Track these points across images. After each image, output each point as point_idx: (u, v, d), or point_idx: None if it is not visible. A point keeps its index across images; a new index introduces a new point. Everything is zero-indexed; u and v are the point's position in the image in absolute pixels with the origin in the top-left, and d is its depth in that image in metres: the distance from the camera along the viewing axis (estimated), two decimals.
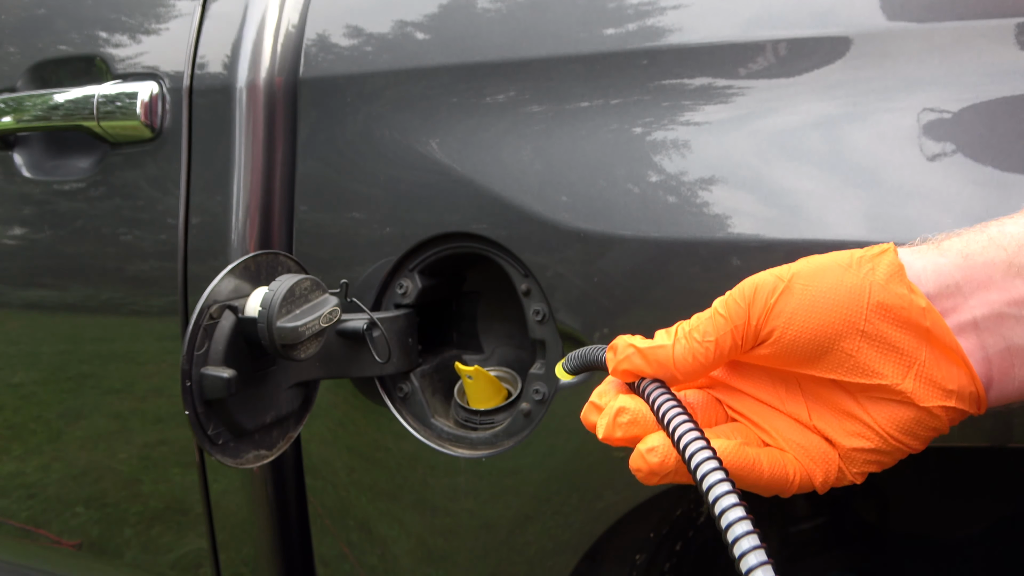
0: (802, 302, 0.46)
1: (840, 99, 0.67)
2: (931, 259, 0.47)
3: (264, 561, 0.99)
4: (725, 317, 0.47)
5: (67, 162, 1.07)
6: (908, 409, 0.47)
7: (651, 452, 0.47)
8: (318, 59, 0.89)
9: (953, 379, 0.46)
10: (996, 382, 0.46)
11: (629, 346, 0.50)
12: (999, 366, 0.46)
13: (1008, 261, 0.45)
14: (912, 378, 0.46)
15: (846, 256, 0.47)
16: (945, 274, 0.46)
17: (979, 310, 0.46)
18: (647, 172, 0.72)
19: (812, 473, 0.49)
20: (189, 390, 0.69)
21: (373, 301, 0.86)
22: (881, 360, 0.46)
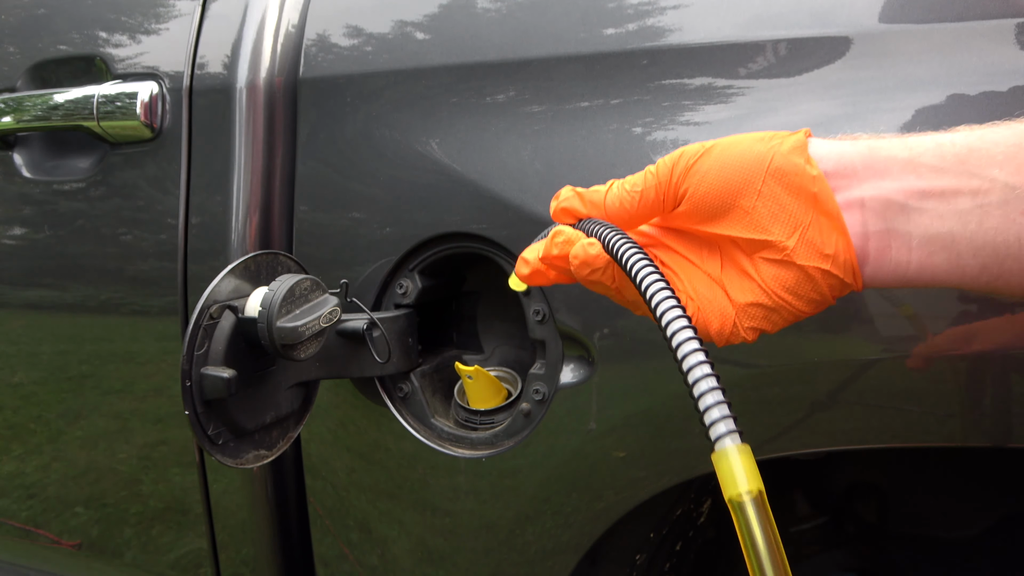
0: (714, 164, 0.53)
1: (840, 99, 0.67)
2: (840, 146, 0.52)
3: (264, 561, 0.99)
4: (653, 174, 0.55)
5: (67, 162, 1.07)
6: (790, 268, 0.52)
7: (591, 245, 0.55)
8: (318, 59, 0.89)
9: (831, 244, 0.51)
10: (872, 259, 0.51)
11: (570, 190, 0.58)
12: (876, 245, 0.51)
13: (909, 159, 0.50)
14: (796, 238, 0.52)
15: (762, 133, 0.54)
16: (847, 157, 0.52)
17: (869, 192, 0.51)
18: None
19: (709, 322, 0.55)
20: (189, 390, 0.69)
21: (373, 301, 0.86)
22: (772, 219, 0.52)
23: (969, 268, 0.50)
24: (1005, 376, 0.65)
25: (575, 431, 0.78)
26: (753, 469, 0.44)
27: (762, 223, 0.52)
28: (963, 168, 0.49)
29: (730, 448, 0.44)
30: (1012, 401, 0.65)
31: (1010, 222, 0.48)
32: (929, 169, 0.50)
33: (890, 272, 0.52)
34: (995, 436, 0.66)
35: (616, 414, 0.76)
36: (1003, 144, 0.49)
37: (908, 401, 0.67)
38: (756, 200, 0.52)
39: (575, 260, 0.55)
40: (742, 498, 0.43)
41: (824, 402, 0.69)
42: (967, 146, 0.50)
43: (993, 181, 0.49)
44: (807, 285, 0.52)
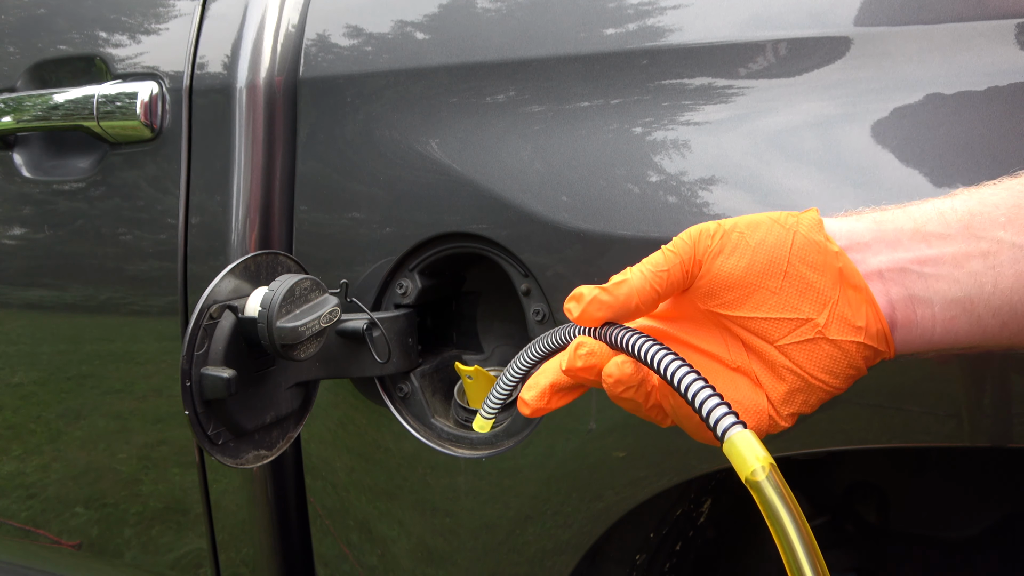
0: (738, 245, 0.53)
1: (840, 99, 0.67)
2: (847, 223, 0.54)
3: (264, 561, 0.99)
4: (674, 252, 0.54)
5: (67, 162, 1.07)
6: (823, 345, 0.52)
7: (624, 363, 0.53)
8: (318, 59, 0.89)
9: (861, 316, 0.52)
10: (900, 326, 0.52)
11: (594, 288, 0.54)
12: (902, 311, 0.52)
13: (915, 229, 0.52)
14: (826, 314, 0.52)
15: (777, 214, 0.55)
16: (856, 232, 0.53)
17: (885, 263, 0.52)
18: (647, 172, 0.72)
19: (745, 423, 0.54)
20: (189, 390, 0.69)
21: (373, 301, 0.86)
22: (800, 298, 0.53)
23: (990, 328, 0.51)
24: (1005, 376, 0.65)
25: (575, 431, 0.78)
26: (759, 446, 0.45)
27: (790, 302, 0.52)
28: (969, 232, 0.50)
29: (736, 434, 0.46)
30: (1012, 401, 0.65)
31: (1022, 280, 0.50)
32: (936, 237, 0.51)
33: (918, 337, 0.52)
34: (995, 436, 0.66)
35: (616, 414, 0.76)
36: (1003, 207, 0.50)
37: (908, 401, 0.67)
38: (782, 281, 0.53)
39: (609, 379, 0.53)
40: (757, 475, 0.44)
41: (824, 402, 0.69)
42: (968, 211, 0.51)
43: (1000, 242, 0.50)
44: (843, 361, 0.52)
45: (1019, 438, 0.66)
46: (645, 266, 0.54)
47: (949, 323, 0.51)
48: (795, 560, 0.43)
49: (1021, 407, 0.65)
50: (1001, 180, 0.52)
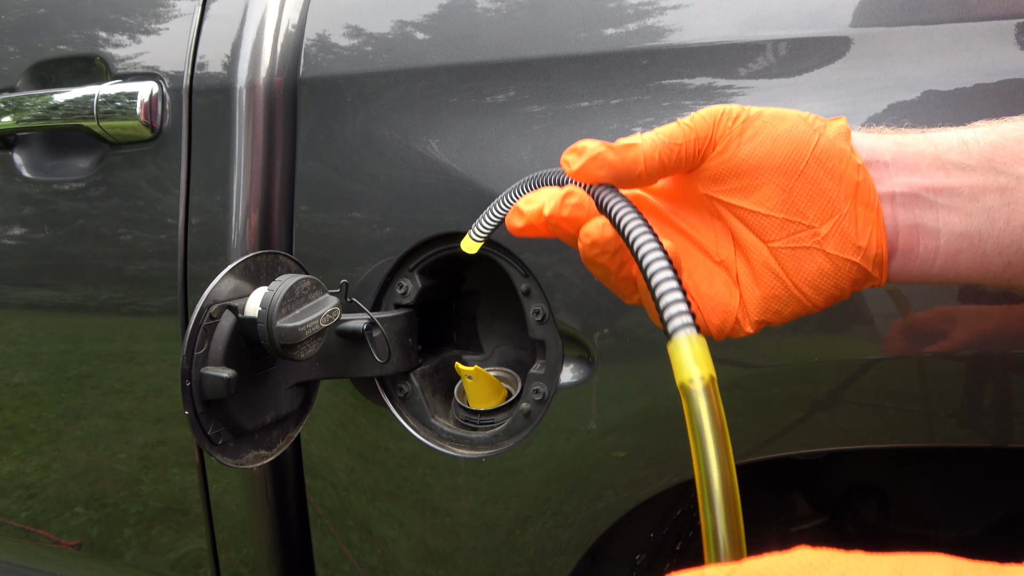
0: (759, 132, 0.50)
1: (839, 99, 0.67)
2: (871, 139, 0.51)
3: (264, 561, 0.99)
4: (690, 127, 0.51)
5: (67, 162, 1.07)
6: (817, 256, 0.50)
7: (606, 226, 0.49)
8: (318, 59, 0.89)
9: (864, 236, 0.50)
10: (900, 254, 0.51)
11: (600, 144, 0.50)
12: (905, 239, 0.50)
13: (936, 155, 0.50)
14: (830, 225, 0.50)
15: (806, 113, 0.52)
16: (878, 151, 0.51)
17: (900, 187, 0.50)
18: None
19: (709, 319, 0.53)
20: (189, 390, 0.69)
21: (373, 301, 0.86)
22: (809, 203, 0.50)
23: (993, 265, 0.50)
24: (1005, 376, 0.65)
25: (575, 431, 0.78)
26: (706, 357, 0.42)
27: (797, 205, 0.50)
28: (990, 165, 0.49)
29: (683, 337, 0.42)
30: (1012, 401, 0.65)
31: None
32: (956, 166, 0.49)
33: (915, 268, 0.51)
34: (995, 436, 0.66)
35: (616, 414, 0.76)
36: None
37: (908, 401, 0.67)
38: (796, 180, 0.50)
39: (586, 239, 0.50)
40: (693, 383, 0.41)
41: (824, 402, 0.69)
42: (991, 144, 0.49)
43: (1019, 179, 0.48)
44: (831, 278, 0.50)
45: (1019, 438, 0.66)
46: (658, 135, 0.51)
47: (952, 257, 0.50)
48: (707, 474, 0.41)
49: (1021, 407, 0.65)
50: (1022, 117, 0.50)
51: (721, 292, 0.53)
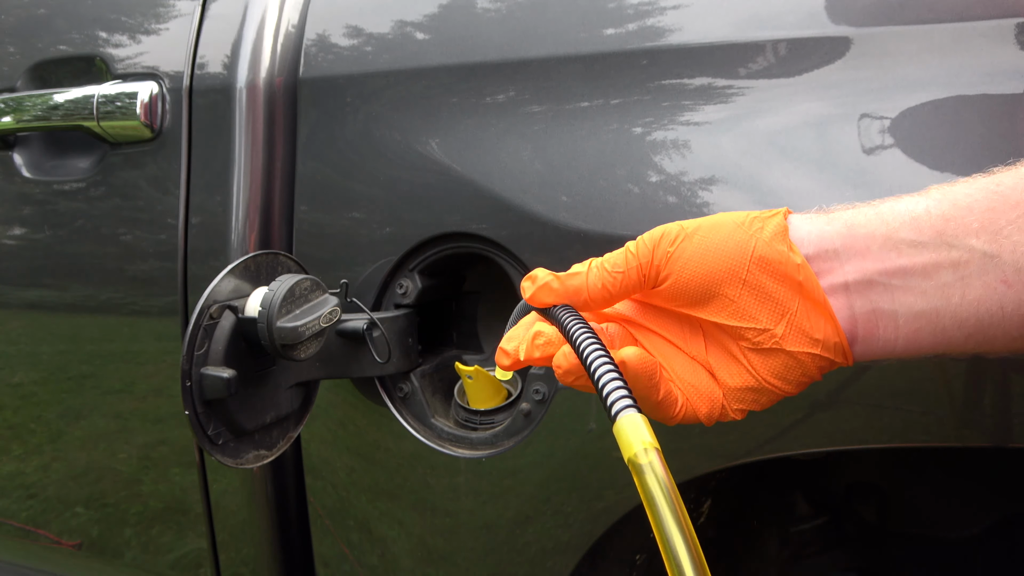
0: (696, 250, 0.53)
1: (839, 99, 0.67)
2: (818, 225, 0.52)
3: (264, 561, 0.99)
4: (634, 254, 0.54)
5: (67, 162, 1.07)
6: (779, 355, 0.52)
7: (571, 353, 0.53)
8: (318, 59, 0.89)
9: (820, 330, 0.51)
10: (861, 339, 0.52)
11: (548, 274, 0.56)
12: (864, 326, 0.51)
13: (887, 235, 0.50)
14: (784, 325, 0.52)
15: (743, 215, 0.54)
16: (827, 239, 0.52)
17: (852, 275, 0.51)
18: (647, 172, 0.72)
19: (697, 407, 0.55)
20: (189, 390, 0.69)
21: (373, 301, 0.86)
22: (758, 307, 0.52)
23: (955, 339, 0.50)
24: (1005, 376, 0.65)
25: (575, 431, 0.78)
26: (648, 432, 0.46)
27: (748, 311, 0.52)
28: (941, 240, 0.49)
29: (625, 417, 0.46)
30: (1012, 401, 0.65)
31: (991, 291, 0.48)
32: (908, 244, 0.50)
33: (879, 349, 0.52)
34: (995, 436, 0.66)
35: None
36: (978, 211, 0.49)
37: (908, 401, 0.67)
38: (741, 289, 0.52)
39: (558, 370, 0.54)
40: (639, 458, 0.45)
41: (824, 402, 0.69)
42: (942, 216, 0.50)
43: (972, 251, 0.49)
44: (797, 370, 0.53)
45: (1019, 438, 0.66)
46: (605, 263, 0.55)
47: (912, 335, 0.51)
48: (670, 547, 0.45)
49: (1021, 407, 0.65)
50: (975, 178, 0.50)
51: (705, 383, 0.56)
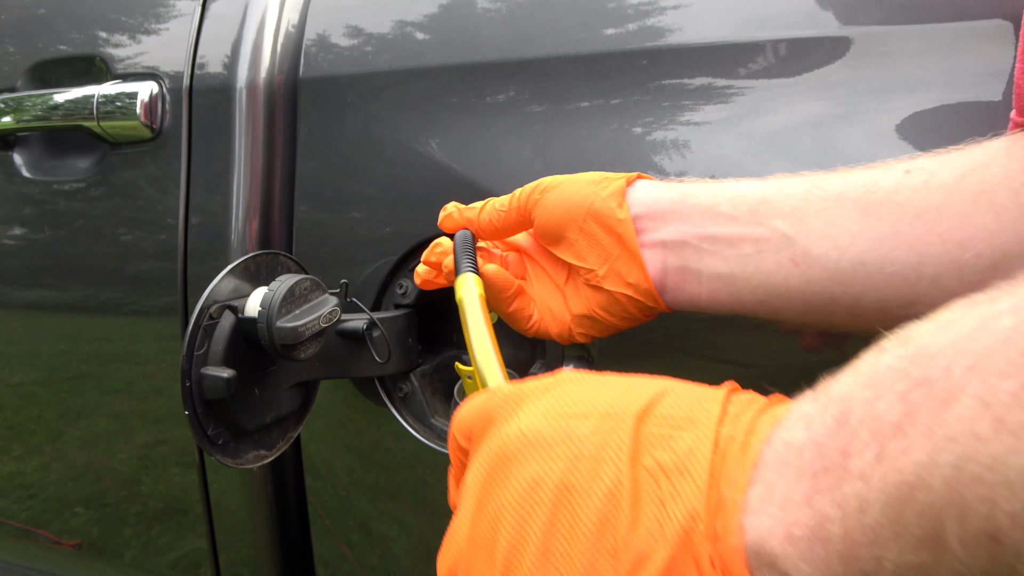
0: (554, 199, 0.64)
1: (840, 99, 0.67)
2: (656, 191, 0.62)
3: (264, 561, 0.99)
4: (516, 198, 0.67)
5: (67, 162, 1.07)
6: (602, 292, 0.63)
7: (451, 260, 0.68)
8: (318, 59, 0.89)
9: (633, 275, 0.61)
10: (670, 289, 0.61)
11: (454, 206, 0.71)
12: (673, 278, 0.61)
13: (709, 207, 0.59)
14: (606, 268, 0.62)
15: (599, 175, 0.65)
16: (658, 203, 0.61)
17: (671, 235, 0.60)
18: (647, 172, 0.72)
19: (549, 326, 0.68)
20: (189, 390, 0.69)
21: (373, 301, 0.86)
22: (590, 251, 0.63)
23: (748, 302, 0.58)
24: None
25: None
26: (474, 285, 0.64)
27: (583, 253, 0.63)
28: (752, 218, 0.57)
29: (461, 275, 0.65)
30: None
31: (781, 267, 0.56)
32: (725, 217, 0.58)
33: (686, 300, 0.61)
34: None
35: None
36: (793, 198, 0.56)
37: None
38: (578, 234, 0.63)
39: (446, 268, 0.68)
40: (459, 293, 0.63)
41: None
42: (760, 197, 0.57)
43: (775, 230, 0.56)
44: (617, 306, 0.63)
45: None
46: (496, 202, 0.68)
47: (713, 293, 0.59)
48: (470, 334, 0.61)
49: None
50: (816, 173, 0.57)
51: (559, 308, 0.67)
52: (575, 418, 0.38)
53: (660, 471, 0.35)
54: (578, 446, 0.37)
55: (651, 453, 0.35)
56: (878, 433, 0.28)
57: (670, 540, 0.33)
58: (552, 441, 0.38)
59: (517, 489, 0.38)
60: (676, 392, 0.38)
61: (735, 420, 0.36)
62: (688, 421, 0.36)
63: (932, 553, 0.25)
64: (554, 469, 0.37)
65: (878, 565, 0.27)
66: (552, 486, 0.37)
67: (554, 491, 0.37)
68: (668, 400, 0.38)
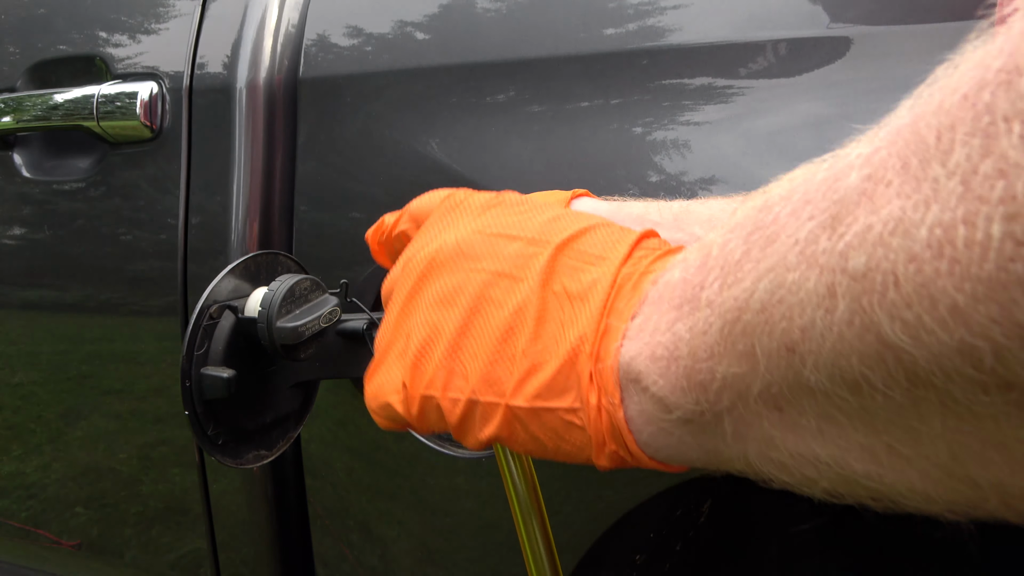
0: None
1: (839, 99, 0.67)
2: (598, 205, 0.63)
3: (264, 561, 0.99)
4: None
5: (67, 162, 1.07)
6: None
7: None
8: (318, 59, 0.89)
9: None
10: None
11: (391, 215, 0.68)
12: None
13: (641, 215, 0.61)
14: None
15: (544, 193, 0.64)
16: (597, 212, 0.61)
17: None
18: (647, 172, 0.72)
19: None
20: (189, 390, 0.69)
21: (373, 301, 0.86)
22: None
23: None
24: None
25: None
26: None
27: None
28: (675, 224, 0.59)
29: None
30: None
31: None
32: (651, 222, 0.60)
33: None
34: None
35: None
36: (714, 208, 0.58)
37: None
38: None
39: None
40: None
41: None
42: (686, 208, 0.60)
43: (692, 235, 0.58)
44: None
45: None
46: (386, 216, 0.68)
47: None
48: None
49: None
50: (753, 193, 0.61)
51: None
52: (505, 239, 0.44)
53: (566, 297, 0.41)
54: (501, 264, 0.43)
55: (562, 280, 0.41)
56: (725, 269, 0.33)
57: (560, 356, 0.40)
58: (480, 255, 0.44)
59: (441, 292, 0.45)
60: (597, 231, 0.43)
61: (636, 262, 0.41)
62: (599, 258, 0.41)
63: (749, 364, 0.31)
64: (476, 281, 0.43)
65: (711, 376, 0.33)
66: (471, 294, 0.43)
67: (472, 299, 0.43)
68: (588, 237, 0.43)
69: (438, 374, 0.44)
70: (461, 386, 0.43)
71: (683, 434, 0.37)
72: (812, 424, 0.30)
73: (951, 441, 0.25)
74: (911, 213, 0.23)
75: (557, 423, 0.41)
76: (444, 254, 0.46)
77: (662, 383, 0.36)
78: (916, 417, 0.25)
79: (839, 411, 0.28)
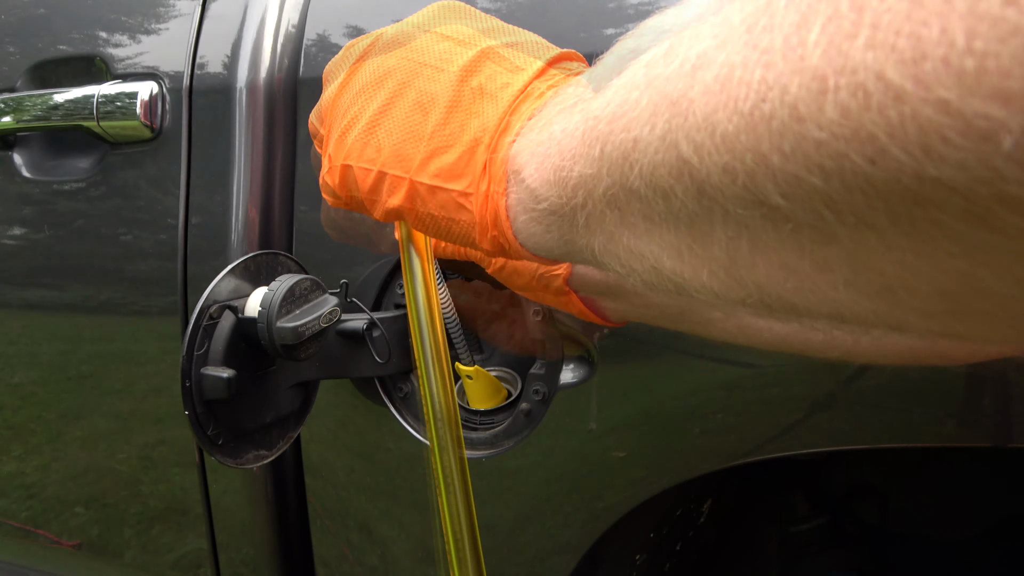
0: None
1: None
2: None
3: (264, 561, 0.99)
4: None
5: (67, 162, 1.07)
6: None
7: None
8: (318, 59, 0.89)
9: None
10: None
11: None
12: None
13: None
14: None
15: None
16: None
17: None
18: None
19: None
20: (189, 390, 0.69)
21: (373, 301, 0.86)
22: None
23: None
24: (1005, 376, 0.65)
25: (575, 431, 0.78)
26: None
27: None
28: None
29: None
30: (1012, 401, 0.65)
31: None
32: None
33: None
34: (995, 436, 0.66)
35: (616, 414, 0.76)
36: None
37: (908, 401, 0.67)
38: None
39: None
40: None
41: (824, 402, 0.69)
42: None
43: None
44: None
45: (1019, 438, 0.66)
46: None
47: None
48: None
49: (1021, 407, 0.65)
50: None
51: None
52: (438, 38, 0.49)
53: (480, 93, 0.46)
54: (429, 57, 0.48)
55: (479, 79, 0.47)
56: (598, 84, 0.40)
57: (464, 144, 0.45)
58: (413, 48, 0.49)
59: (373, 74, 0.50)
60: (524, 46, 0.49)
61: (549, 77, 0.47)
62: (517, 68, 0.47)
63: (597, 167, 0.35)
64: (404, 68, 0.49)
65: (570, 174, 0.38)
66: (398, 80, 0.49)
67: (398, 83, 0.48)
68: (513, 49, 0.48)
69: (355, 146, 0.49)
70: (373, 157, 0.49)
71: (549, 224, 0.41)
72: (639, 224, 0.34)
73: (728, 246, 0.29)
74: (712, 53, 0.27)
75: (451, 204, 0.46)
76: (383, 41, 0.51)
77: (536, 176, 0.41)
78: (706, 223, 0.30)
79: (657, 214, 0.32)
